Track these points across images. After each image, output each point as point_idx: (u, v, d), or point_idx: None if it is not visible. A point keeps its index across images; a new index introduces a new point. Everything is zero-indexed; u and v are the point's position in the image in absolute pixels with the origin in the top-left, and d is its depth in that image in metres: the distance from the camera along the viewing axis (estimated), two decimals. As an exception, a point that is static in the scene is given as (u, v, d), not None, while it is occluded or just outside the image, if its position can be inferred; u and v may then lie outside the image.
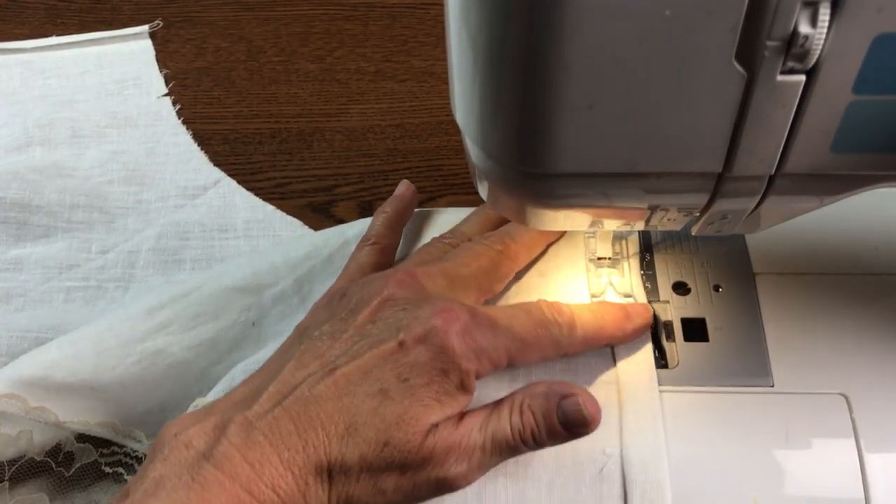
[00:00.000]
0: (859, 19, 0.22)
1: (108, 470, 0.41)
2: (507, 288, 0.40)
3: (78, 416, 0.39)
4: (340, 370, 0.30)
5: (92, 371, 0.40)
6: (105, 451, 0.41)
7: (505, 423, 0.31)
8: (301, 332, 0.34)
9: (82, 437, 0.41)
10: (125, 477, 0.41)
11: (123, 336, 0.41)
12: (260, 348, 0.43)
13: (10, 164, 0.54)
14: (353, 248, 0.43)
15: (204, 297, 0.43)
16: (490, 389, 0.35)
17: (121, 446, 0.41)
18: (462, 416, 0.32)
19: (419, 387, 0.30)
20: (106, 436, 0.40)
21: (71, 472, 0.40)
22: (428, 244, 0.40)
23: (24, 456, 0.40)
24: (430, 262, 0.37)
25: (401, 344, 0.30)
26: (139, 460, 0.41)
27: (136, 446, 0.41)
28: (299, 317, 0.43)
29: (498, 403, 0.33)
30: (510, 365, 0.33)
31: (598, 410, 0.31)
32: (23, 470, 0.40)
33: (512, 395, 0.33)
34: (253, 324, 0.43)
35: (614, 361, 0.37)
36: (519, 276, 0.41)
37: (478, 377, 0.31)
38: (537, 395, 0.32)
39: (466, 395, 0.31)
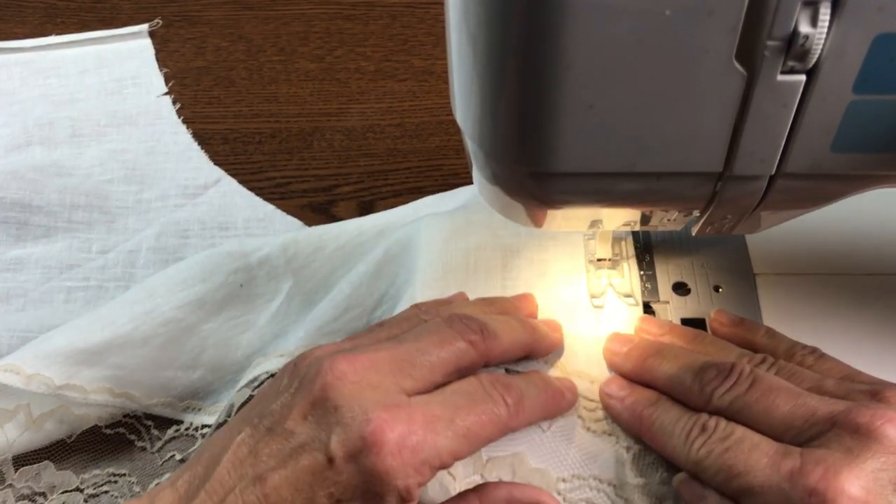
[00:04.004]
0: (859, 19, 0.22)
1: (108, 431, 0.42)
2: (507, 290, 0.40)
3: (73, 380, 0.40)
4: (270, 482, 0.29)
5: (84, 334, 0.41)
6: (103, 415, 0.42)
7: None
8: (252, 407, 0.33)
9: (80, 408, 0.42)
10: (128, 437, 0.42)
11: (114, 305, 0.43)
12: (248, 308, 0.45)
13: (10, 164, 0.54)
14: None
15: (191, 264, 0.44)
16: None
17: (118, 408, 0.42)
18: None
19: None
20: (102, 401, 0.41)
21: (73, 438, 0.41)
22: (403, 312, 0.37)
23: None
24: (390, 338, 0.34)
25: (330, 461, 0.28)
26: (138, 419, 0.43)
27: (133, 406, 0.42)
28: (285, 278, 0.45)
29: None
30: (458, 460, 0.31)
31: None
32: (24, 440, 0.41)
33: (467, 500, 0.32)
34: (241, 285, 0.45)
35: None
36: (518, 278, 0.41)
37: (420, 486, 0.29)
38: (498, 502, 0.31)
39: None
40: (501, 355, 0.34)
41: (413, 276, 0.41)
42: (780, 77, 0.23)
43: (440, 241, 0.42)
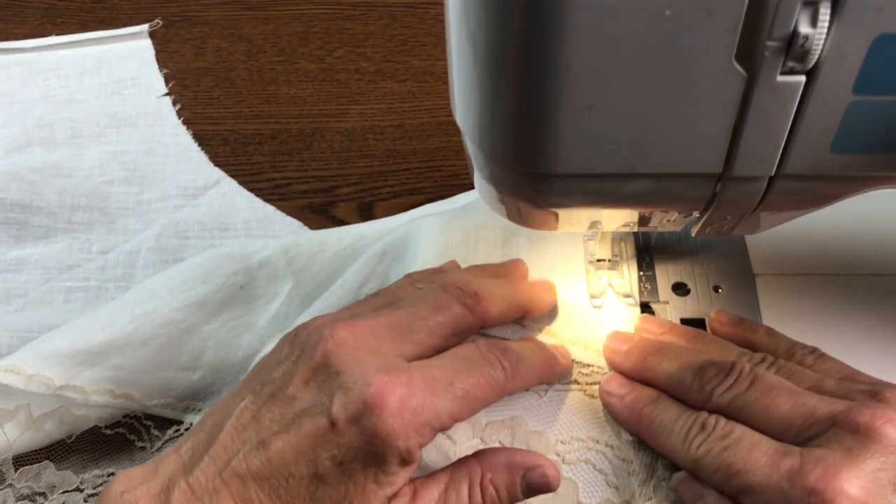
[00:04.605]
0: (859, 19, 0.22)
1: (108, 432, 0.42)
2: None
3: (74, 381, 0.40)
4: (274, 446, 0.29)
5: (84, 335, 0.41)
6: (103, 415, 0.42)
7: (465, 503, 0.31)
8: (253, 376, 0.33)
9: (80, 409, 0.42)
10: (128, 437, 0.42)
11: (114, 305, 0.43)
12: (249, 309, 0.45)
13: (10, 165, 0.54)
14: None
15: (192, 265, 0.44)
16: None
17: (118, 409, 0.42)
18: (415, 491, 0.31)
19: (356, 471, 0.29)
20: (102, 402, 0.41)
21: (72, 439, 0.42)
22: (397, 282, 0.38)
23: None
24: (386, 305, 0.34)
25: (332, 424, 0.29)
26: (138, 419, 0.43)
27: (133, 407, 0.42)
28: (286, 280, 0.45)
29: (454, 475, 0.31)
30: (457, 422, 0.31)
31: (559, 474, 0.32)
32: (24, 440, 0.41)
33: (468, 465, 0.32)
34: (241, 287, 0.45)
35: None
36: (518, 254, 0.41)
37: (421, 447, 0.30)
38: (499, 467, 0.31)
39: (409, 469, 0.30)
40: (497, 318, 0.35)
41: (409, 254, 0.42)
42: (780, 78, 0.23)
43: (439, 228, 0.43)
